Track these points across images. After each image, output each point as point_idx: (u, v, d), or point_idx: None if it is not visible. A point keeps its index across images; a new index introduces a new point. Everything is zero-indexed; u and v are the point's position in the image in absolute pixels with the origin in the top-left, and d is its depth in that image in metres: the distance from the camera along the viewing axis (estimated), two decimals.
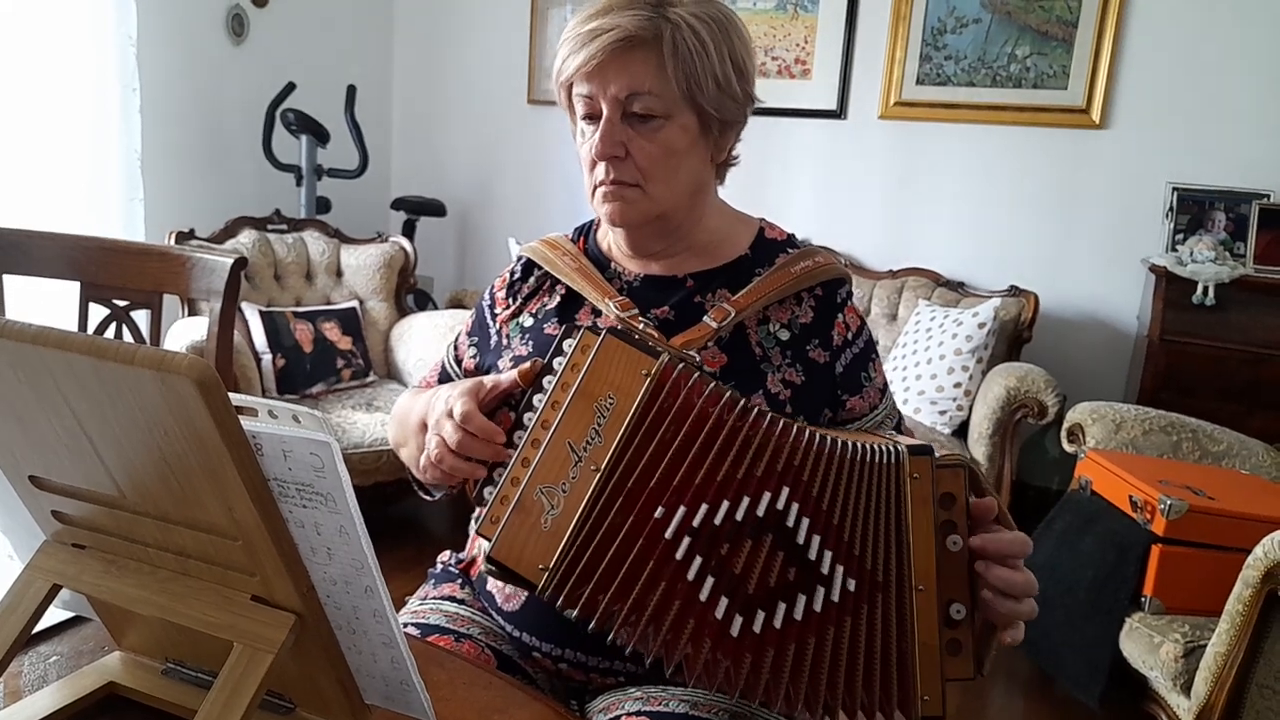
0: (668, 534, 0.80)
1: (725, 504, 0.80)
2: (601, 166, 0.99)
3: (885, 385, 1.10)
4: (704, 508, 0.80)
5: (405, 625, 1.04)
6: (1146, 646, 1.84)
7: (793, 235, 1.12)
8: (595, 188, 1.01)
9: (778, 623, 0.80)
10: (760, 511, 0.80)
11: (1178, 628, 1.81)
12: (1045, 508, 2.26)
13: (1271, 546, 1.57)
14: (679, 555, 0.79)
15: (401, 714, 0.71)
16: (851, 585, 0.80)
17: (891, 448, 0.81)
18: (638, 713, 0.93)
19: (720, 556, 0.80)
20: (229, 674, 0.62)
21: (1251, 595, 1.59)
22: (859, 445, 0.82)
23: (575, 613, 0.81)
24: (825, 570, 0.80)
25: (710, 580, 0.79)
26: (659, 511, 0.80)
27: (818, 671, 0.80)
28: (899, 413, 1.13)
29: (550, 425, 0.84)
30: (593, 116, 0.99)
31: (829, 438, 0.82)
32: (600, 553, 0.81)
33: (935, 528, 0.79)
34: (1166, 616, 1.87)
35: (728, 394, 0.83)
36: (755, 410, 0.82)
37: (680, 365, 0.83)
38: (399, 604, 1.09)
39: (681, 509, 0.80)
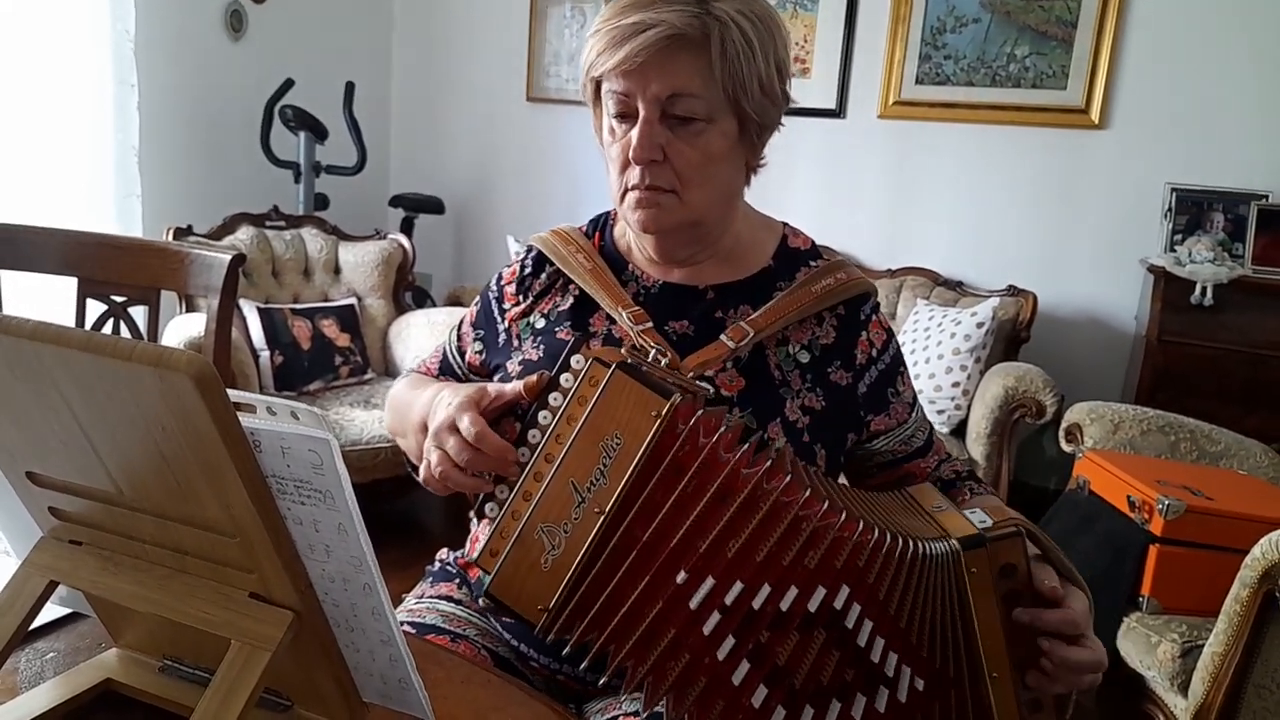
0: (693, 604, 0.76)
1: (766, 588, 0.76)
2: (636, 170, 0.93)
3: (914, 399, 1.06)
4: (738, 586, 0.76)
5: (401, 624, 1.03)
6: (1144, 646, 1.84)
7: (815, 244, 1.07)
8: (626, 191, 0.95)
9: None
10: (812, 606, 0.76)
11: (1175, 628, 1.81)
12: (1043, 507, 2.26)
13: (1269, 547, 1.57)
14: (707, 630, 0.76)
15: (399, 712, 0.71)
16: (920, 685, 0.78)
17: (945, 546, 0.77)
18: (635, 713, 0.93)
19: (760, 644, 0.76)
20: (226, 671, 0.62)
21: (1249, 595, 1.59)
22: (915, 544, 0.78)
23: (586, 663, 0.79)
24: (890, 672, 0.77)
25: (746, 665, 0.76)
26: (681, 576, 0.76)
27: None
28: (929, 424, 1.09)
29: (554, 460, 0.80)
30: (626, 115, 0.93)
31: (889, 534, 0.78)
32: (612, 604, 0.78)
33: (1000, 608, 0.78)
34: (1164, 616, 1.87)
35: (769, 463, 0.78)
36: (809, 491, 0.77)
37: (700, 412, 0.79)
38: (396, 601, 1.08)
39: (710, 580, 0.76)
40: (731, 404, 0.94)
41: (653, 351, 0.94)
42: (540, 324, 1.05)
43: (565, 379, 0.83)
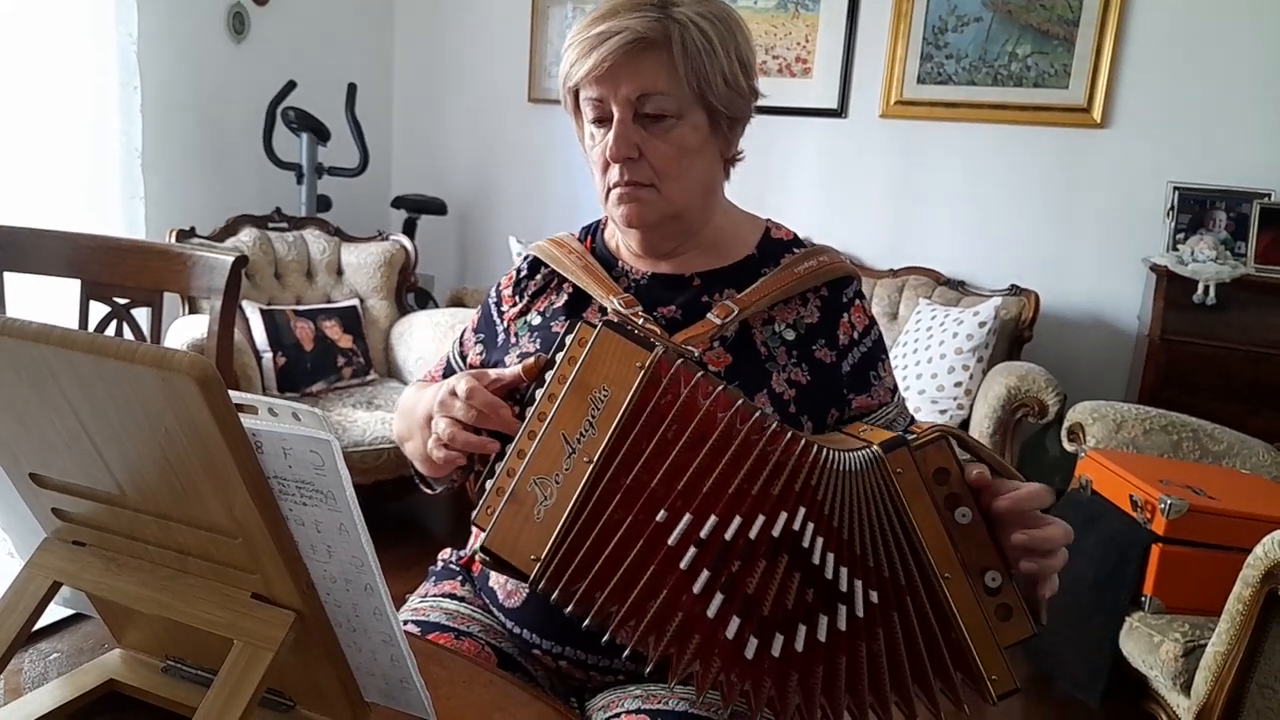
0: (671, 540, 0.79)
1: (738, 520, 0.79)
2: (615, 169, 0.99)
3: (895, 386, 1.09)
4: (713, 520, 0.79)
5: (406, 622, 1.04)
6: (1147, 646, 1.84)
7: (797, 236, 1.12)
8: (609, 190, 1.01)
9: (799, 645, 0.79)
10: (776, 532, 0.79)
11: (1178, 627, 1.81)
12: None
13: (1271, 546, 1.57)
14: (684, 565, 0.79)
15: (401, 712, 0.71)
16: (874, 597, 0.79)
17: (868, 452, 0.80)
18: (637, 711, 0.93)
19: (731, 574, 0.79)
20: (229, 671, 0.62)
21: (1251, 595, 1.59)
22: (843, 455, 0.81)
23: (570, 608, 0.81)
24: (844, 588, 0.79)
25: (720, 597, 0.79)
26: (661, 515, 0.80)
27: (856, 685, 0.79)
28: (910, 415, 1.11)
29: (546, 417, 0.84)
30: (603, 120, 0.99)
31: (826, 449, 0.81)
32: (596, 548, 0.80)
33: (938, 511, 0.79)
34: (1167, 616, 1.87)
35: (740, 402, 0.82)
36: (774, 425, 0.81)
37: (679, 361, 0.83)
38: (399, 602, 1.08)
39: (687, 517, 0.79)
40: (720, 378, 0.96)
41: (641, 321, 0.98)
42: (536, 320, 1.10)
43: (560, 356, 0.86)
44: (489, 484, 0.86)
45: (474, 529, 1.10)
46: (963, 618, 0.78)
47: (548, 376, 0.86)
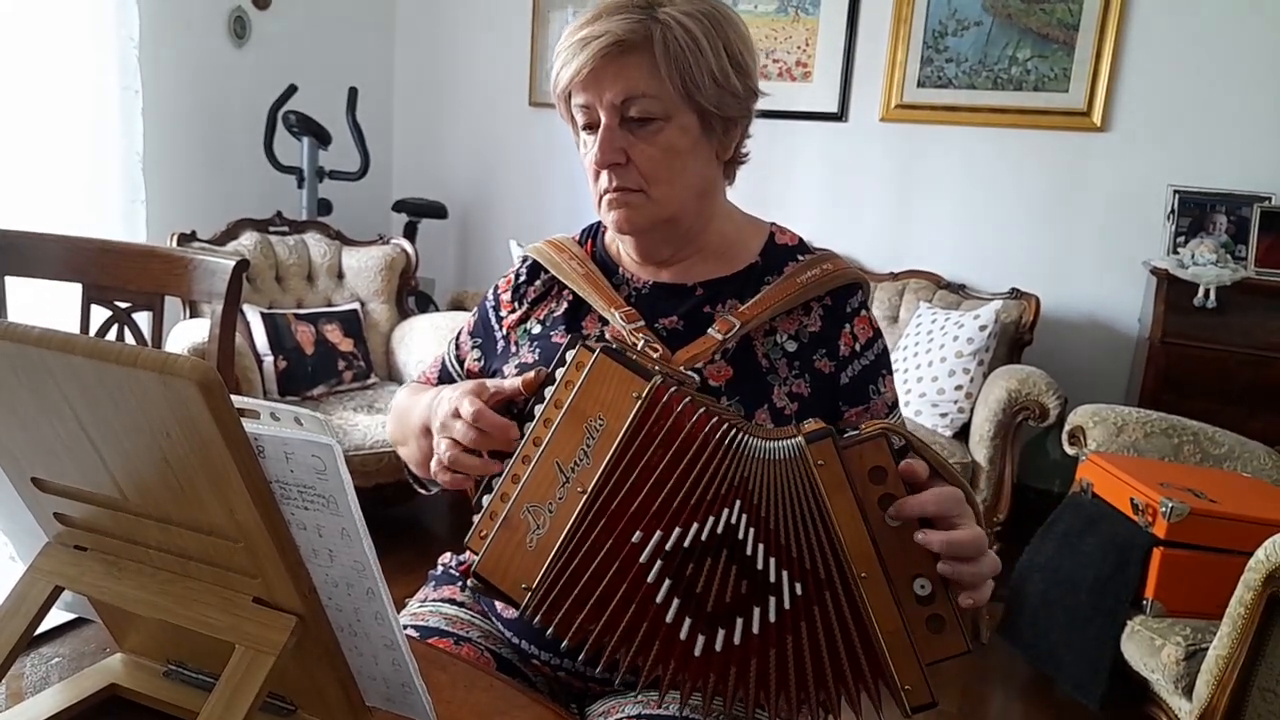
0: (643, 558, 0.80)
1: (695, 525, 0.80)
2: (605, 175, 0.97)
3: (895, 402, 1.07)
4: (677, 530, 0.80)
5: (405, 627, 1.04)
6: (1148, 649, 1.84)
7: (803, 240, 1.09)
8: (600, 196, 0.99)
9: (737, 638, 0.80)
10: (720, 529, 0.80)
11: (1179, 630, 1.81)
12: (1046, 510, 2.26)
13: (1273, 549, 1.57)
14: (650, 578, 0.80)
15: (402, 716, 0.71)
16: (799, 589, 0.79)
17: (792, 442, 0.80)
18: (637, 716, 0.93)
19: (686, 578, 0.80)
20: (230, 676, 0.62)
21: (1253, 598, 1.59)
22: (767, 443, 0.80)
23: (551, 630, 0.82)
24: (773, 579, 0.79)
25: (676, 602, 0.80)
26: (637, 536, 0.80)
27: (784, 679, 0.80)
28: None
29: (541, 443, 0.83)
30: (592, 126, 0.97)
31: (745, 435, 0.81)
32: (579, 573, 0.81)
33: (863, 508, 0.77)
34: (1168, 619, 1.87)
35: (715, 418, 0.81)
36: (735, 431, 0.81)
37: (674, 388, 0.82)
38: (399, 605, 1.09)
39: (658, 534, 0.80)
40: (720, 393, 0.97)
41: (642, 342, 0.97)
42: (536, 329, 1.08)
43: (560, 373, 0.86)
44: (486, 499, 0.86)
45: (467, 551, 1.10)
46: (879, 620, 0.77)
47: (546, 393, 0.85)
